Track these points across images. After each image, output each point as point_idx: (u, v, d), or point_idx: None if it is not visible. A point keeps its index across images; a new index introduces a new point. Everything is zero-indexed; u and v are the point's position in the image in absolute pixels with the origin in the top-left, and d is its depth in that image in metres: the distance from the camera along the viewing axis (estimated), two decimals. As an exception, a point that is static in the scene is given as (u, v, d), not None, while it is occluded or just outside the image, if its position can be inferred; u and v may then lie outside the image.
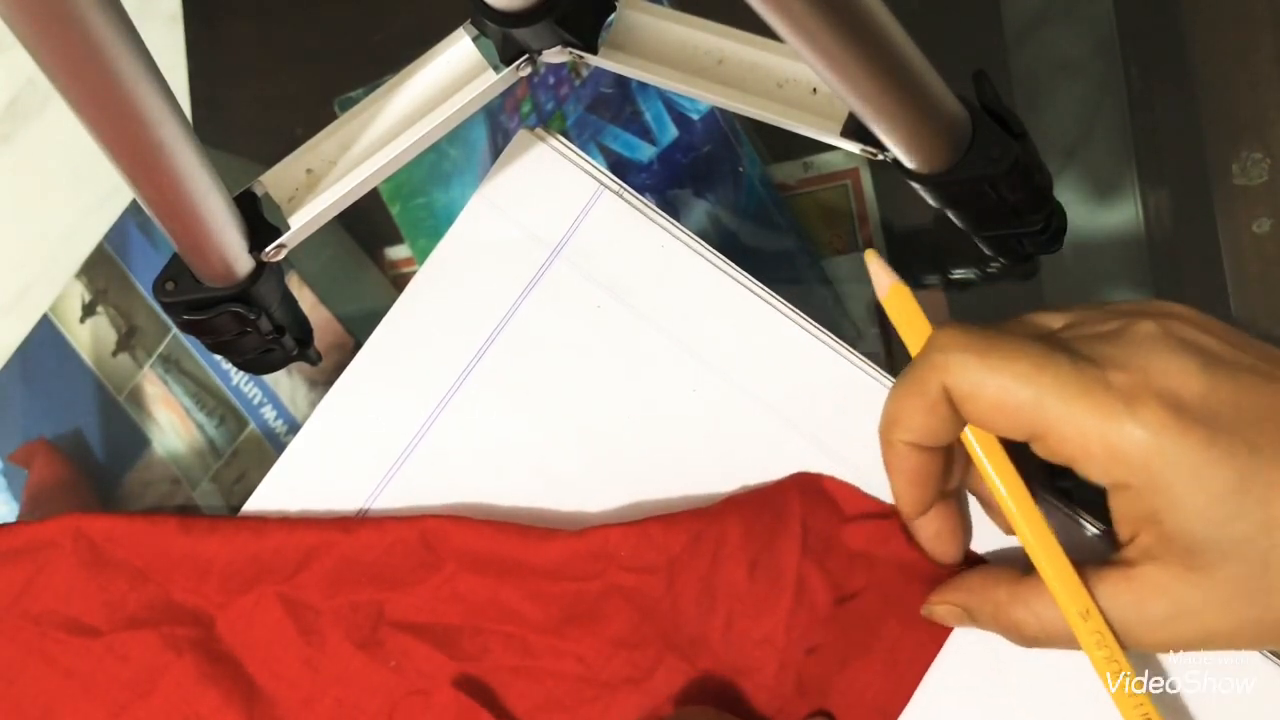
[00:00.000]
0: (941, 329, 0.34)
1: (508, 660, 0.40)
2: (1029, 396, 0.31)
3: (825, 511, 0.39)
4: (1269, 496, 0.30)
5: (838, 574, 0.39)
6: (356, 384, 0.44)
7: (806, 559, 0.38)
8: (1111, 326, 0.33)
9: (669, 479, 0.41)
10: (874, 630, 0.38)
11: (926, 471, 0.35)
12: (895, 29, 0.31)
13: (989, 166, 0.36)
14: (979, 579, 0.36)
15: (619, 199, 0.43)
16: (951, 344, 0.32)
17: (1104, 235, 0.43)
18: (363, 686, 0.41)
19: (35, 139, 0.57)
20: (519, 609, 0.40)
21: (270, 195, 0.38)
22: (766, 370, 0.41)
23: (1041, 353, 0.32)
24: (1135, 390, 0.31)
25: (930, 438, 0.34)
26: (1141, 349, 0.31)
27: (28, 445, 0.53)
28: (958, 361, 0.32)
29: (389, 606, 0.41)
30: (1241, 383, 0.31)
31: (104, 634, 0.42)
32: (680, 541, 0.39)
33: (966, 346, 0.32)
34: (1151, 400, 0.30)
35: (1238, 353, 0.32)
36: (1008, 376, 0.31)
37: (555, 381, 0.43)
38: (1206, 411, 0.30)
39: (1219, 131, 0.43)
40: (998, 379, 0.32)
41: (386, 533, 0.41)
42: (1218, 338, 0.32)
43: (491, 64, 0.38)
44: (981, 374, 0.32)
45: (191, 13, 0.55)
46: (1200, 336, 0.32)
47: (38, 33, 0.26)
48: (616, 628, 0.39)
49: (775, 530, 0.39)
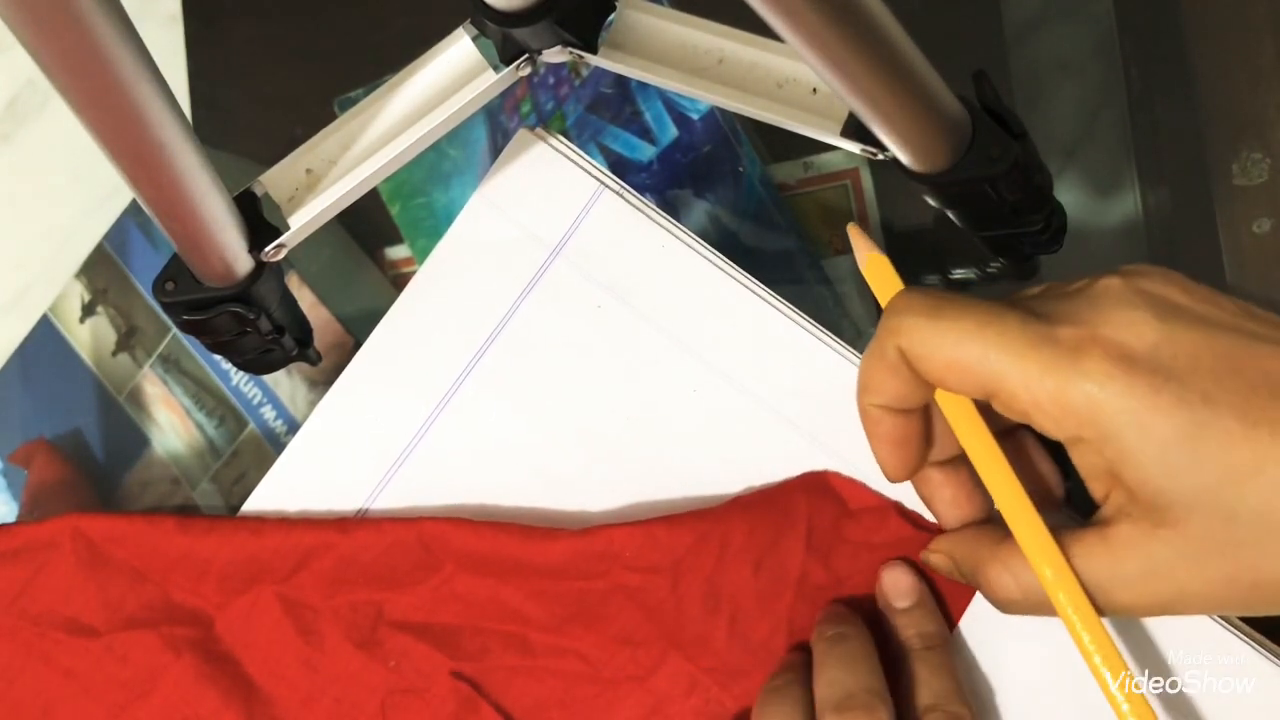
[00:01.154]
0: (898, 293, 0.34)
1: (508, 660, 0.40)
2: (977, 353, 0.32)
3: (831, 508, 0.39)
4: (1227, 444, 0.30)
5: (842, 569, 0.39)
6: (356, 384, 0.44)
7: (811, 557, 0.38)
8: (1077, 285, 0.33)
9: (669, 479, 0.41)
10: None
11: (902, 434, 0.35)
12: (895, 29, 0.31)
13: (989, 166, 0.36)
14: (972, 533, 0.36)
15: (619, 198, 0.43)
16: (905, 307, 0.33)
17: (1104, 235, 0.43)
18: (361, 686, 0.41)
19: (35, 139, 0.57)
20: (520, 608, 0.40)
21: (270, 195, 0.38)
22: (767, 370, 0.41)
23: (990, 311, 0.32)
24: (1082, 342, 0.31)
25: (898, 400, 0.34)
26: (1097, 303, 0.31)
27: (28, 445, 0.53)
28: (910, 324, 0.33)
29: (388, 606, 0.41)
30: (1202, 334, 0.31)
31: (103, 634, 0.43)
32: (685, 542, 0.39)
33: (918, 309, 0.33)
34: (1097, 351, 0.30)
35: (1209, 308, 0.32)
36: (956, 335, 0.32)
37: (555, 381, 0.43)
38: (1156, 361, 0.30)
39: (1219, 131, 0.43)
40: (947, 338, 0.32)
41: (385, 534, 0.41)
42: (1188, 294, 0.32)
43: (491, 64, 0.38)
44: (931, 334, 0.32)
45: (191, 13, 0.55)
46: (1167, 290, 0.32)
47: (38, 33, 0.26)
48: (620, 626, 0.39)
49: (781, 529, 0.39)
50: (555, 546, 0.40)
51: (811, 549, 0.39)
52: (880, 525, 0.39)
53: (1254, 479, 0.29)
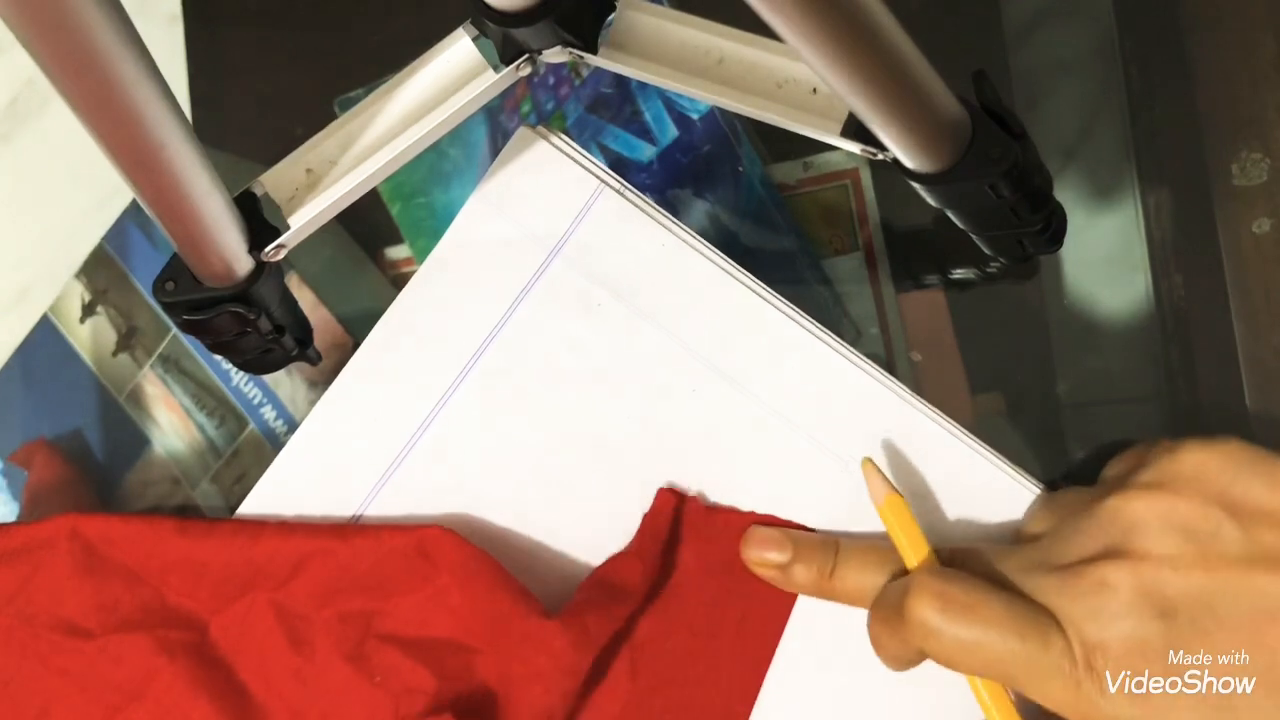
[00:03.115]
0: (920, 592, 0.35)
1: (492, 675, 0.40)
2: (1005, 672, 0.34)
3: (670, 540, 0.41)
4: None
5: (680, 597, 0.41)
6: (354, 384, 0.44)
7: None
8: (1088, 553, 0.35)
9: (669, 479, 0.41)
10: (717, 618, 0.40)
11: (917, 661, 0.37)
12: (895, 29, 0.31)
13: (989, 167, 0.36)
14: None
15: (619, 197, 0.43)
16: (930, 617, 0.35)
17: (1104, 235, 0.43)
18: (349, 701, 0.41)
19: (35, 139, 0.57)
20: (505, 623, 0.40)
21: (270, 195, 0.38)
22: (767, 370, 0.41)
23: (1014, 628, 0.34)
24: (1097, 669, 0.33)
25: (914, 662, 0.37)
26: (1106, 618, 0.33)
27: (28, 445, 0.53)
28: (935, 637, 0.34)
29: (377, 619, 0.41)
30: (1209, 638, 0.33)
31: (97, 636, 0.42)
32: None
33: (944, 624, 0.34)
34: (1112, 669, 0.33)
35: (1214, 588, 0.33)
36: (984, 656, 0.34)
37: (554, 381, 0.43)
38: (1169, 684, 0.33)
39: (1219, 131, 0.43)
40: (973, 657, 0.34)
41: (383, 541, 0.41)
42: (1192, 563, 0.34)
43: (491, 64, 0.38)
44: (956, 651, 0.34)
45: (191, 13, 0.55)
46: (1171, 589, 0.33)
47: (38, 33, 0.26)
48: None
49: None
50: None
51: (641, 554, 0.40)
52: (694, 525, 0.41)
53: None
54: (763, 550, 0.40)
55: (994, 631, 0.34)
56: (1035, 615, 0.34)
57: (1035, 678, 0.34)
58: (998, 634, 0.34)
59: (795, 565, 0.39)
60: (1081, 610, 0.34)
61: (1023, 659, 0.33)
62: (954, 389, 0.43)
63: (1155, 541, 0.34)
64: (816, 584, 0.39)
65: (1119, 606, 0.33)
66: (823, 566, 0.39)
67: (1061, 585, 0.34)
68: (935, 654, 0.35)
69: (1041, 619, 0.34)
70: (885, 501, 0.38)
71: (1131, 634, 0.33)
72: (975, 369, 0.43)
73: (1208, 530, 0.34)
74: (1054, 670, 0.33)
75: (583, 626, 0.39)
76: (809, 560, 0.39)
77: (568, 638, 0.38)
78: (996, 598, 0.34)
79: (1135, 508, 0.35)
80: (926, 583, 0.35)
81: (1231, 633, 0.33)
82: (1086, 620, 0.33)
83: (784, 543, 0.39)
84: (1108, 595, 0.33)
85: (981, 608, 0.34)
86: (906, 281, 0.45)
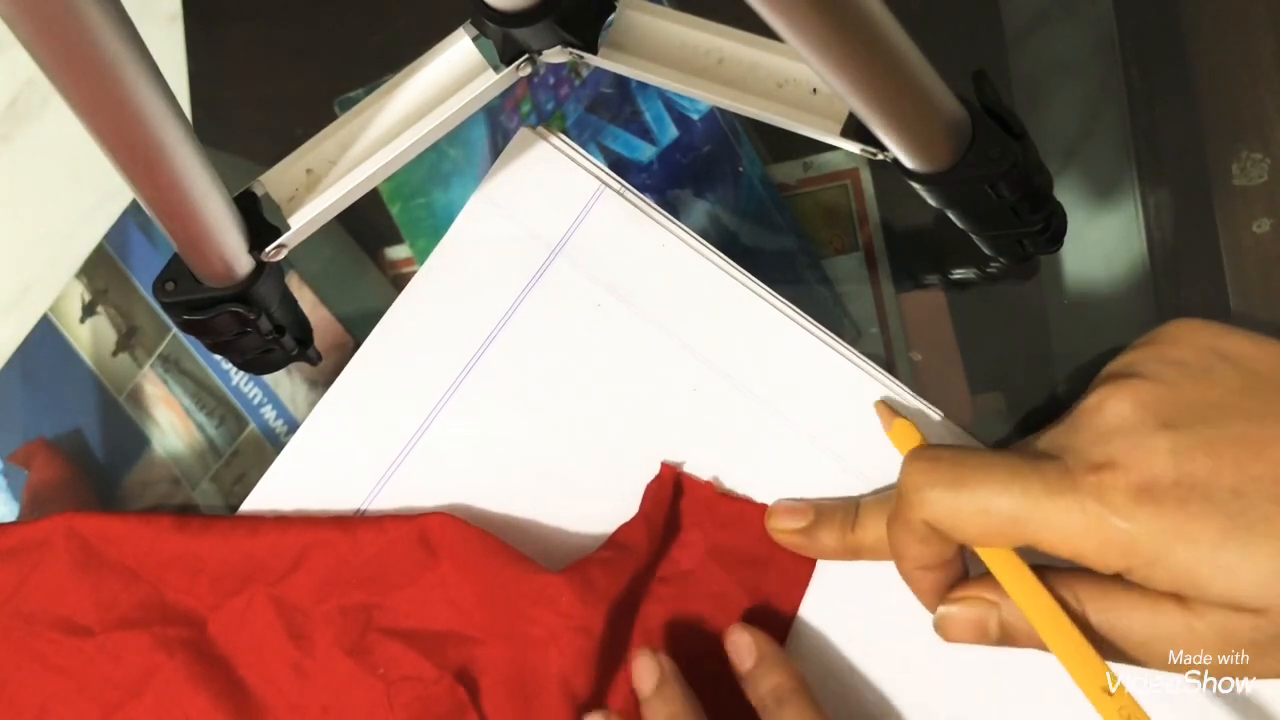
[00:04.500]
0: (909, 463, 0.35)
1: (497, 667, 0.40)
2: (1006, 516, 0.33)
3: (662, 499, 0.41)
4: (1270, 530, 0.30)
5: (683, 561, 0.41)
6: (355, 383, 0.44)
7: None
8: (1083, 410, 0.34)
9: (669, 479, 0.41)
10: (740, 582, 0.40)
11: (943, 581, 0.36)
12: (895, 29, 0.31)
13: (989, 167, 0.36)
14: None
15: (620, 197, 0.43)
16: (924, 481, 0.34)
17: (1104, 235, 0.43)
18: (350, 693, 0.41)
19: (35, 139, 0.57)
20: (510, 591, 0.40)
21: (270, 195, 0.38)
22: (766, 369, 0.41)
23: (1008, 468, 0.33)
24: (1103, 486, 0.32)
25: (934, 560, 0.35)
26: (1108, 437, 0.32)
27: (28, 445, 0.53)
28: (932, 498, 0.34)
29: (377, 612, 0.41)
30: (1213, 434, 0.32)
31: (96, 634, 0.42)
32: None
33: (938, 480, 0.34)
34: (1118, 490, 0.31)
35: (1211, 391, 0.32)
36: (981, 503, 0.33)
37: (555, 381, 0.43)
38: (1177, 480, 0.31)
39: (1219, 131, 0.43)
40: (973, 508, 0.33)
41: (385, 531, 0.41)
42: (1187, 375, 0.33)
43: (491, 64, 0.38)
44: (955, 506, 0.33)
45: (191, 13, 0.55)
46: (1165, 389, 0.33)
47: (38, 33, 0.26)
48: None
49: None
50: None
51: (651, 542, 0.40)
52: (707, 508, 0.40)
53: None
54: (786, 520, 0.40)
55: (994, 480, 0.33)
56: (1033, 459, 0.33)
57: (1046, 517, 0.32)
58: (998, 482, 0.33)
59: (819, 529, 0.39)
60: (1085, 438, 0.33)
61: (1029, 500, 0.32)
62: (954, 389, 0.43)
63: (1152, 370, 0.33)
64: (840, 542, 0.39)
65: (1121, 421, 0.32)
66: (844, 523, 0.39)
67: (1061, 429, 0.34)
68: (941, 522, 0.34)
69: (1040, 460, 0.33)
70: (894, 427, 0.38)
71: (1139, 445, 0.32)
72: (975, 369, 0.43)
73: (1201, 366, 0.33)
74: (1063, 504, 0.32)
75: (588, 581, 0.39)
76: (830, 521, 0.39)
77: (574, 591, 0.38)
78: (989, 454, 0.34)
79: (1129, 356, 0.34)
80: (917, 454, 0.35)
81: (1236, 446, 0.31)
82: (1091, 444, 0.32)
83: (805, 510, 0.40)
84: (1109, 413, 0.33)
85: (972, 461, 0.33)
86: (906, 281, 0.45)
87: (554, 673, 0.38)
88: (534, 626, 0.39)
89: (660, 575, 0.40)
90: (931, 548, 0.35)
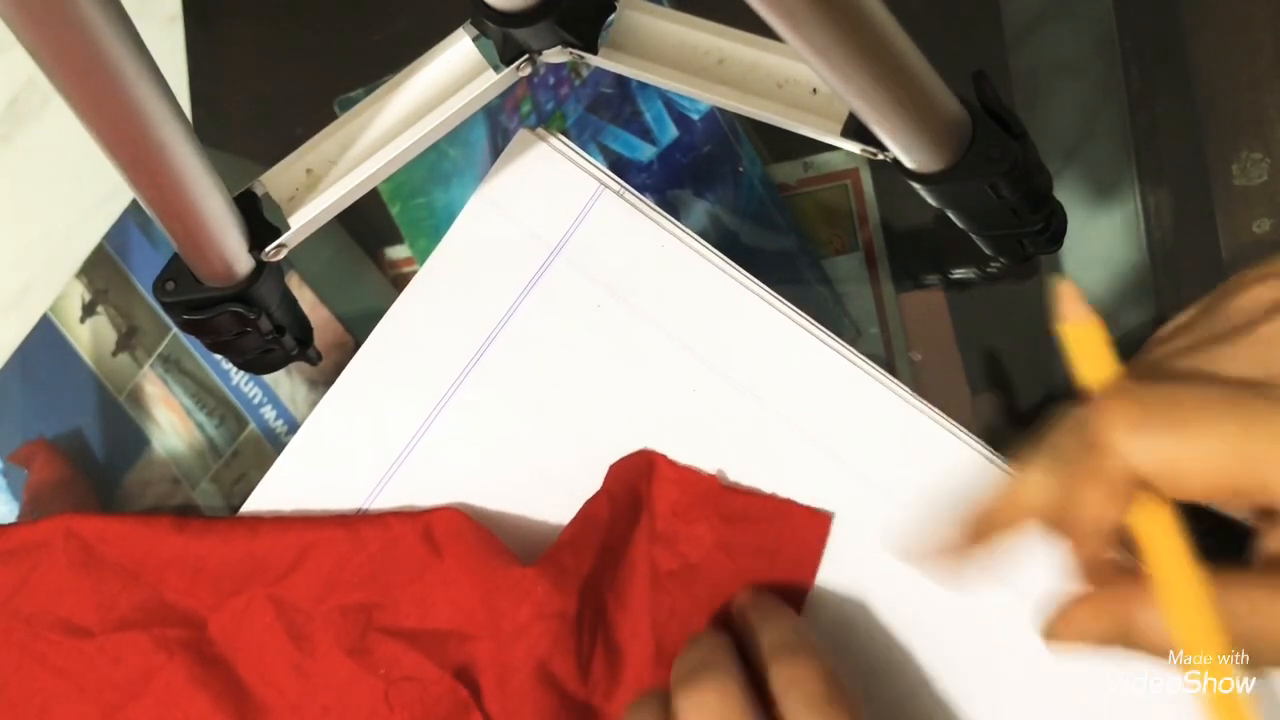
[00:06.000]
0: (1110, 405, 0.28)
1: (495, 666, 0.40)
2: (1239, 459, 0.27)
3: (668, 492, 0.41)
4: None
5: (690, 554, 0.40)
6: (356, 384, 0.44)
7: (656, 546, 0.40)
8: (1241, 325, 0.30)
9: (669, 479, 0.41)
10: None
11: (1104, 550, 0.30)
12: (895, 29, 0.31)
13: (989, 167, 0.36)
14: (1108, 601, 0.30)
15: (619, 198, 0.43)
16: (1131, 424, 0.28)
17: (1104, 235, 0.43)
18: (351, 694, 0.41)
19: (35, 139, 0.57)
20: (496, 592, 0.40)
21: (270, 195, 0.38)
22: (766, 370, 0.41)
23: (1226, 401, 0.28)
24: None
25: (1113, 525, 0.29)
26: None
27: (28, 445, 0.53)
28: (1143, 446, 0.27)
29: (378, 612, 0.41)
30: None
31: (96, 635, 0.42)
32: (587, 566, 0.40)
33: (1147, 423, 0.28)
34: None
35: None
36: (1206, 448, 0.27)
37: (555, 381, 0.43)
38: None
39: (1219, 131, 0.43)
40: (1199, 451, 0.27)
41: (389, 528, 0.41)
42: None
43: (491, 64, 0.38)
44: (1178, 452, 0.27)
45: (191, 13, 0.55)
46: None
47: (38, 33, 0.26)
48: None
49: (629, 524, 0.40)
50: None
51: (655, 538, 0.40)
52: (713, 502, 0.40)
53: None
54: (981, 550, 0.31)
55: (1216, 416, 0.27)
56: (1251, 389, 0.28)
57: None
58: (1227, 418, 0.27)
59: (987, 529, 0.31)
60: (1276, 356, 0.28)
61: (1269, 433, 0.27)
62: (954, 389, 0.43)
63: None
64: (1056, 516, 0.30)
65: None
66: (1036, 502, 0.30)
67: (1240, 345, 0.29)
68: (1160, 474, 0.27)
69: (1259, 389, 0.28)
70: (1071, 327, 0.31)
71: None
72: (975, 369, 0.43)
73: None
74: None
75: (559, 566, 0.39)
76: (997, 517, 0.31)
77: (548, 580, 0.39)
78: (1193, 384, 0.28)
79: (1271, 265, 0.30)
80: (1116, 392, 0.28)
81: None
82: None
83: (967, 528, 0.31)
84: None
85: (1182, 395, 0.28)
86: (906, 281, 0.45)
87: (533, 658, 0.38)
88: (511, 622, 0.39)
89: (668, 569, 0.40)
90: (1118, 508, 0.28)
